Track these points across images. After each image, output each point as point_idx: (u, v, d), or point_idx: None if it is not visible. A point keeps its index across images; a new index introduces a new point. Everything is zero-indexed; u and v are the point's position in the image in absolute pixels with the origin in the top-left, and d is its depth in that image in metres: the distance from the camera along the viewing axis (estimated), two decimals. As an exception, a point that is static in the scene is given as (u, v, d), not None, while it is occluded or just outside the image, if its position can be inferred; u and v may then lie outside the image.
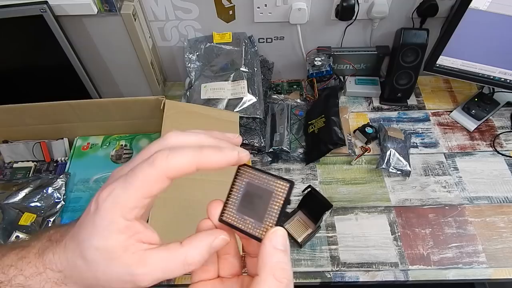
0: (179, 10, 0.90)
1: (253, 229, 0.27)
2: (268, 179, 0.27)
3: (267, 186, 0.27)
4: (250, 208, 0.27)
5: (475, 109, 0.95)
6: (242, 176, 0.28)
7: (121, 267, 0.24)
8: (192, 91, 0.92)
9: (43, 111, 0.83)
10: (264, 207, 0.27)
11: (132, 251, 0.24)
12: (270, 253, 0.24)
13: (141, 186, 0.24)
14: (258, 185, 0.27)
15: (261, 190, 0.27)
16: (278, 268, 0.24)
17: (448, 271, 0.73)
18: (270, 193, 0.27)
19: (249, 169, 0.28)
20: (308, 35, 0.96)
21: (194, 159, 0.24)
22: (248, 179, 0.28)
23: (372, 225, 0.79)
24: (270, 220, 0.26)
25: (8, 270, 0.26)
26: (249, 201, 0.27)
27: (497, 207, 0.81)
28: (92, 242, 0.24)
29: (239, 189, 0.28)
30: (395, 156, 0.85)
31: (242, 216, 0.27)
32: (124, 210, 0.24)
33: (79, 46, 0.87)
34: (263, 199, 0.27)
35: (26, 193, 0.79)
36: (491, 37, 0.81)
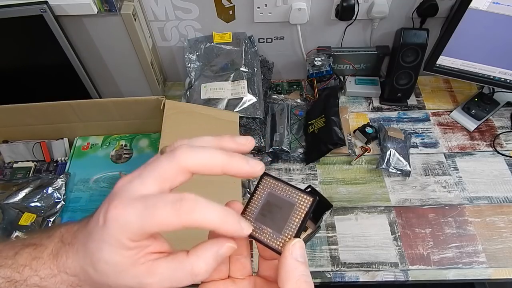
0: (179, 10, 0.90)
1: (271, 240, 0.26)
2: (291, 191, 0.27)
3: (289, 198, 0.27)
4: (269, 218, 0.27)
5: (475, 109, 0.95)
6: (264, 185, 0.28)
7: (130, 279, 0.24)
8: (192, 91, 0.92)
9: (43, 111, 0.83)
10: (284, 219, 0.26)
11: (141, 262, 0.24)
12: (293, 266, 0.24)
13: (158, 220, 0.23)
14: (280, 196, 0.27)
15: (282, 201, 0.27)
16: (302, 282, 0.24)
17: (448, 271, 0.73)
18: (292, 205, 0.26)
19: (272, 179, 0.28)
20: (308, 35, 0.96)
21: (223, 161, 0.25)
22: (270, 189, 0.28)
23: (372, 225, 0.79)
24: (289, 232, 0.26)
25: (23, 270, 0.26)
26: (269, 211, 0.27)
27: (497, 207, 0.81)
28: (101, 256, 0.24)
29: (260, 198, 0.28)
30: (395, 156, 0.85)
31: (261, 226, 0.27)
32: (135, 234, 0.23)
33: (79, 46, 0.87)
34: (284, 211, 0.27)
35: (26, 193, 0.79)
36: (491, 37, 0.81)
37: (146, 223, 0.23)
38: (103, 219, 0.24)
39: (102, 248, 0.24)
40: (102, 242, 0.24)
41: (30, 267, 0.26)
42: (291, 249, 0.25)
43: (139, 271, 0.24)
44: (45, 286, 0.26)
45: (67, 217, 0.78)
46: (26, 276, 0.26)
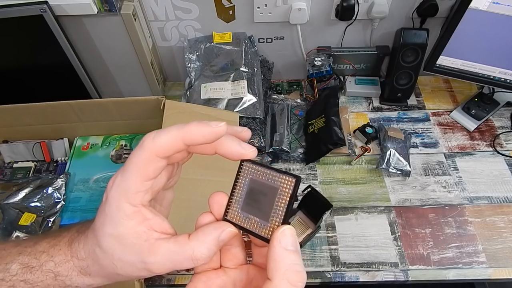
0: (179, 10, 0.90)
1: (259, 229, 0.25)
2: (273, 175, 0.25)
3: (272, 182, 0.25)
4: (255, 206, 0.26)
5: (475, 109, 0.95)
6: (245, 172, 0.26)
7: (133, 255, 0.24)
8: (192, 91, 0.92)
9: (43, 111, 0.83)
10: (269, 205, 0.25)
11: (144, 238, 0.25)
12: (281, 255, 0.23)
13: (136, 169, 0.24)
14: (262, 181, 0.26)
15: (265, 187, 0.25)
16: (292, 271, 0.22)
17: (448, 271, 0.73)
18: (276, 189, 0.25)
19: (252, 164, 0.26)
20: (308, 35, 0.96)
21: (179, 133, 0.25)
22: (251, 175, 0.26)
23: (372, 225, 0.79)
24: (276, 219, 0.25)
25: (40, 256, 0.27)
26: (254, 199, 0.26)
27: (497, 207, 0.81)
28: (105, 230, 0.25)
29: (242, 186, 0.26)
30: (395, 156, 0.85)
31: (247, 215, 0.26)
32: (128, 195, 0.24)
33: (79, 46, 0.87)
34: (268, 196, 0.25)
35: (26, 193, 0.79)
36: (491, 37, 0.81)
37: (129, 174, 0.25)
38: (105, 195, 0.25)
39: (106, 222, 0.25)
40: (105, 216, 0.25)
41: (47, 253, 0.27)
42: (279, 237, 0.24)
43: (142, 248, 0.24)
44: (59, 271, 0.27)
45: (67, 217, 0.78)
46: (43, 261, 0.27)
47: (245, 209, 0.26)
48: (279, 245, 0.23)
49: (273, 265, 0.23)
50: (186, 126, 0.25)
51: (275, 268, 0.23)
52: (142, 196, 0.25)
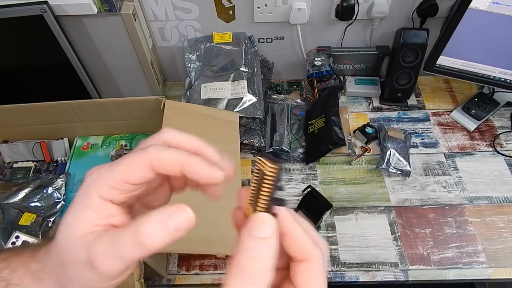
0: (179, 10, 0.90)
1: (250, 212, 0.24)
2: (264, 163, 0.24)
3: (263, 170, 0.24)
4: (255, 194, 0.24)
5: (475, 109, 0.95)
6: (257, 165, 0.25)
7: (81, 249, 0.22)
8: (192, 91, 0.92)
9: (43, 111, 0.83)
10: (260, 192, 0.24)
11: (94, 230, 0.23)
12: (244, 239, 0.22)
13: (124, 168, 0.23)
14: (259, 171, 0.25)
15: (260, 176, 0.24)
16: (248, 258, 0.21)
17: (448, 271, 0.73)
18: (263, 176, 0.24)
19: (261, 157, 0.25)
20: (308, 35, 0.96)
21: (181, 160, 0.24)
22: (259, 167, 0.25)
23: (372, 225, 0.79)
24: (260, 205, 0.23)
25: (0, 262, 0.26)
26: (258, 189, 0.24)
27: (497, 207, 0.81)
28: (66, 218, 0.23)
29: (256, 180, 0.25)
30: (395, 156, 0.85)
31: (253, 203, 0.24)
32: (101, 187, 0.23)
33: (79, 46, 0.87)
34: (260, 183, 0.24)
35: (26, 193, 0.79)
36: (491, 37, 0.81)
37: (115, 169, 0.23)
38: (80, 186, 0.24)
39: (70, 209, 0.23)
40: (72, 204, 0.24)
41: (7, 261, 0.26)
42: (249, 226, 0.22)
43: (88, 238, 0.22)
44: (11, 279, 0.25)
45: (67, 217, 0.78)
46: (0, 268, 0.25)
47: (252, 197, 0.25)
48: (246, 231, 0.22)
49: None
50: (191, 157, 0.24)
51: None
52: (115, 194, 0.23)
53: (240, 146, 0.81)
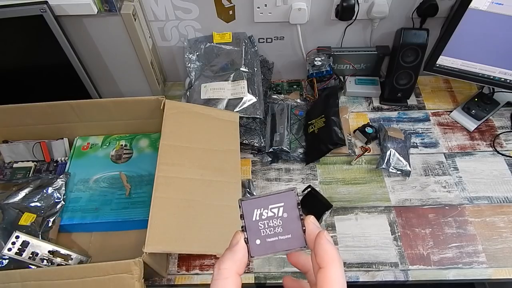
0: (179, 10, 0.90)
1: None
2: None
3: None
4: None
5: (475, 109, 0.95)
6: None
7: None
8: (192, 91, 0.92)
9: (43, 111, 0.83)
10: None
11: None
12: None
13: None
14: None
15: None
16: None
17: (448, 271, 0.73)
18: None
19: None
20: (308, 35, 0.96)
21: None
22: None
23: (372, 225, 0.79)
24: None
25: None
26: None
27: (497, 207, 0.81)
28: None
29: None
30: (395, 156, 0.85)
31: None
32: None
33: (79, 46, 0.87)
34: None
35: (26, 193, 0.79)
36: (491, 37, 0.81)
37: None
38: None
39: None
40: None
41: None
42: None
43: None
44: None
45: (67, 217, 0.78)
46: None
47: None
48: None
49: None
50: None
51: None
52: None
53: (240, 146, 0.81)
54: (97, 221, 0.77)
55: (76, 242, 0.79)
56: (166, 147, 0.71)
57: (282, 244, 0.29)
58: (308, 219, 0.29)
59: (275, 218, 0.29)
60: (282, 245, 0.28)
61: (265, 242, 0.29)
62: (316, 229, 0.28)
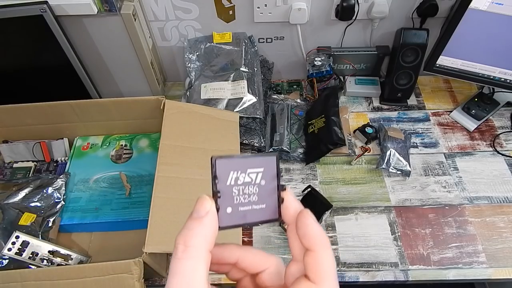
0: (179, 10, 0.90)
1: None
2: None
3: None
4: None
5: (475, 109, 0.95)
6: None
7: None
8: (192, 91, 0.92)
9: (43, 111, 0.83)
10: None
11: None
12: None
13: None
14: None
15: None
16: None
17: (448, 271, 0.73)
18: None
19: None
20: (308, 35, 0.96)
21: None
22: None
23: (372, 225, 0.79)
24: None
25: None
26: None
27: (497, 207, 0.81)
28: None
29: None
30: (395, 156, 0.85)
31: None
32: None
33: (79, 46, 0.87)
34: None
35: (26, 193, 0.79)
36: (491, 37, 0.81)
37: None
38: None
39: None
40: None
41: None
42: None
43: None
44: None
45: (67, 217, 0.78)
46: None
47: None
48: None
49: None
50: None
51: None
52: None
53: (240, 146, 0.81)
54: (97, 221, 0.77)
55: (76, 242, 0.79)
56: (166, 147, 0.71)
57: (254, 215, 0.25)
58: (287, 192, 0.26)
59: (252, 184, 0.25)
60: (254, 216, 0.25)
61: (236, 211, 0.25)
62: (295, 203, 0.25)
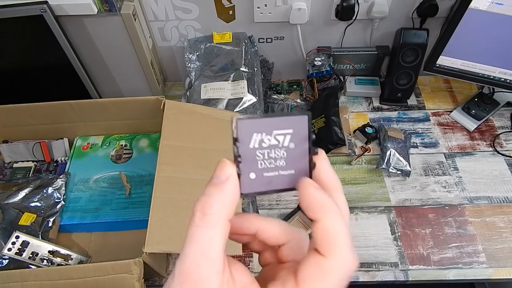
0: (179, 10, 0.90)
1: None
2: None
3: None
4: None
5: (475, 109, 0.95)
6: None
7: None
8: (192, 91, 0.92)
9: (43, 111, 0.83)
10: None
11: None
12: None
13: None
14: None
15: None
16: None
17: (448, 271, 0.73)
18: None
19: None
20: (308, 35, 0.96)
21: None
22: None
23: (372, 225, 0.79)
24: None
25: None
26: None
27: (497, 207, 0.81)
28: None
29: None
30: (395, 156, 0.85)
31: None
32: None
33: (79, 46, 0.87)
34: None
35: (26, 193, 0.79)
36: (491, 37, 0.81)
37: None
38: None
39: None
40: None
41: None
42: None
43: None
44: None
45: (67, 217, 0.78)
46: None
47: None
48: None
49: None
50: None
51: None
52: None
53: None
54: (97, 221, 0.77)
55: (76, 242, 0.79)
56: (166, 147, 0.71)
57: (281, 182, 0.23)
58: (320, 156, 0.23)
59: (279, 147, 0.22)
60: (281, 182, 0.23)
61: (261, 177, 0.23)
62: (327, 170, 0.22)
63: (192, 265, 0.20)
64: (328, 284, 0.20)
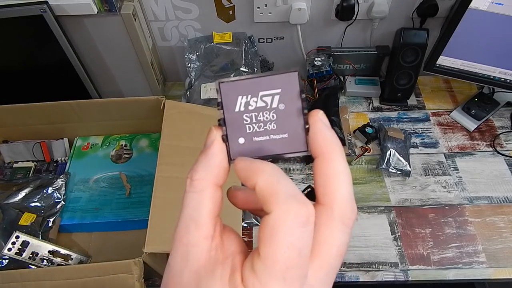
0: (179, 10, 0.90)
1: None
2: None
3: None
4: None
5: (475, 109, 0.95)
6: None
7: None
8: (192, 91, 0.92)
9: (43, 111, 0.83)
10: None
11: None
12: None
13: None
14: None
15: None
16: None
17: (448, 271, 0.73)
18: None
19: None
20: (308, 35, 0.96)
21: None
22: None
23: (372, 225, 0.79)
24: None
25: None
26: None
27: (497, 207, 0.81)
28: None
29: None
30: (395, 156, 0.85)
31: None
32: None
33: (79, 46, 0.87)
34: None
35: (26, 193, 0.79)
36: (491, 37, 0.81)
37: None
38: None
39: None
40: None
41: None
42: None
43: None
44: None
45: (67, 217, 0.78)
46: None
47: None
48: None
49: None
50: None
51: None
52: None
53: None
54: (97, 221, 0.77)
55: (76, 242, 0.79)
56: (166, 147, 0.71)
57: (274, 146, 0.21)
58: (316, 115, 0.21)
59: (268, 109, 0.21)
60: (274, 147, 0.21)
61: (250, 142, 0.21)
62: (323, 130, 0.21)
63: (183, 229, 0.20)
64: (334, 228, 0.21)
